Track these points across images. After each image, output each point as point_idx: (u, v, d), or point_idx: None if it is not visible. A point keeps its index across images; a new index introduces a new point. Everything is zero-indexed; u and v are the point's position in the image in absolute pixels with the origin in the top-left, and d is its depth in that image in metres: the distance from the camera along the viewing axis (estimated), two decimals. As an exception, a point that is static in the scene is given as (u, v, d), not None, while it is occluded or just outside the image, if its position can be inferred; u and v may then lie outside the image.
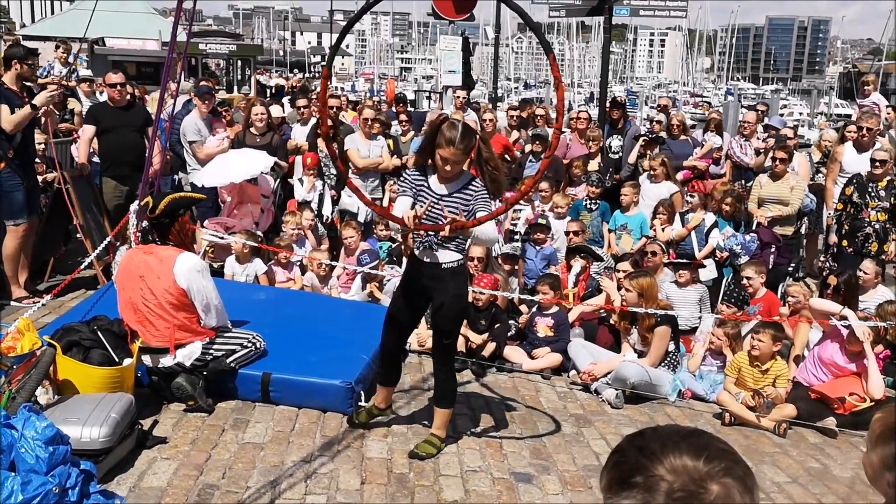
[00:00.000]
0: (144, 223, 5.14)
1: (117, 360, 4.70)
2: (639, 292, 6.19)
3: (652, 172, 8.75)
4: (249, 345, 5.13)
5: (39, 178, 7.77)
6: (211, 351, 4.96)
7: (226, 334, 5.09)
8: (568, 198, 8.56)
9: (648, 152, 9.75)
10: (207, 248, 7.92)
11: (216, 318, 5.01)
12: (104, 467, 4.02)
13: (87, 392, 4.46)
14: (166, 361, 4.88)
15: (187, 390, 4.88)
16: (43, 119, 7.53)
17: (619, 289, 6.58)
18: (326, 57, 4.44)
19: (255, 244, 7.27)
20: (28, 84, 7.06)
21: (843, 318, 5.80)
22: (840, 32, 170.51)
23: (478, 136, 4.30)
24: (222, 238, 7.46)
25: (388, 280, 7.33)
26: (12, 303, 6.74)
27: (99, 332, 4.75)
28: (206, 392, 4.98)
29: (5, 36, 22.93)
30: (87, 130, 7.83)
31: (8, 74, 6.81)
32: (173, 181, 8.99)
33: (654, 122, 10.51)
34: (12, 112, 6.58)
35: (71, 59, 11.61)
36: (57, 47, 12.24)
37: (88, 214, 7.51)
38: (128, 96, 8.14)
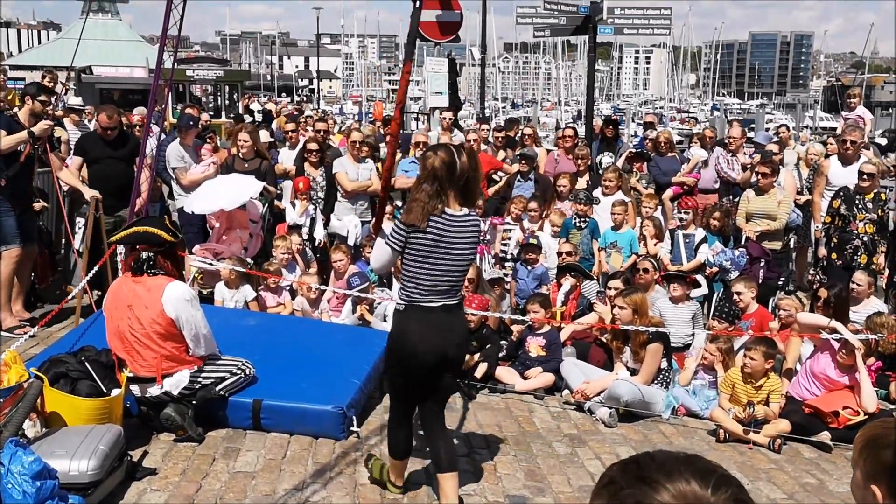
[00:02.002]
0: (144, 254, 5.01)
1: (105, 390, 4.65)
2: (633, 308, 6.19)
3: (607, 185, 8.82)
4: (239, 371, 5.08)
5: None
6: (199, 379, 4.91)
7: (215, 362, 5.04)
8: (563, 216, 8.60)
9: (636, 167, 9.79)
10: (196, 275, 7.88)
11: (205, 347, 4.96)
12: (93, 501, 3.96)
13: (75, 424, 4.41)
14: (154, 391, 4.83)
15: (176, 421, 4.83)
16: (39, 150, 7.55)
17: (612, 308, 6.55)
18: (405, 52, 4.32)
19: (244, 270, 7.23)
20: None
21: (833, 330, 5.80)
22: (823, 46, 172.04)
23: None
24: (211, 264, 7.42)
25: (378, 303, 7.30)
26: (4, 333, 6.69)
27: (87, 363, 4.71)
28: (196, 420, 4.93)
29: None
30: (75, 161, 7.85)
31: (22, 111, 7.01)
32: (161, 207, 8.96)
33: (649, 140, 10.56)
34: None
35: (58, 89, 11.61)
36: (43, 77, 12.24)
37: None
38: (122, 129, 8.21)
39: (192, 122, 8.68)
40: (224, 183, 7.98)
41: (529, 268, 7.91)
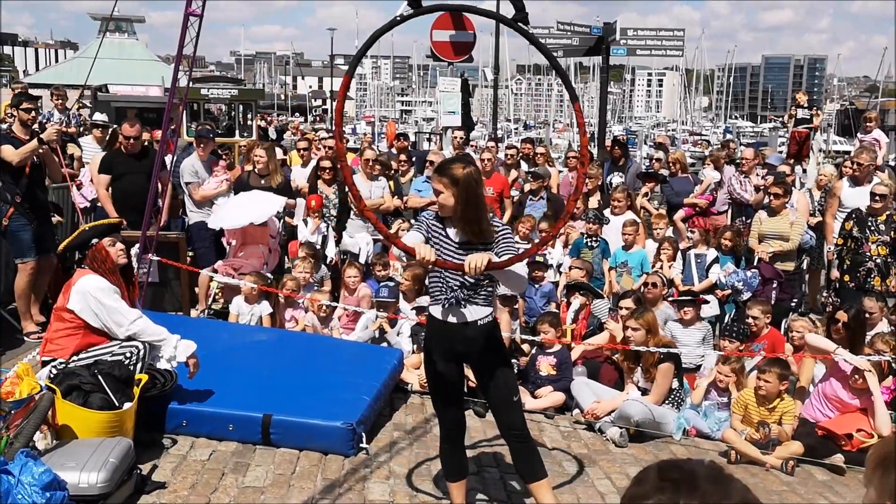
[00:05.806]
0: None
1: (117, 403, 4.66)
2: (646, 329, 6.18)
3: (616, 204, 8.81)
4: (121, 352, 4.94)
5: None
6: (68, 366, 4.84)
7: (93, 349, 4.96)
8: (578, 234, 8.61)
9: (647, 188, 9.80)
10: (217, 291, 7.94)
11: (131, 330, 4.97)
12: (102, 513, 3.97)
13: (86, 436, 4.43)
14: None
15: None
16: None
17: (624, 329, 6.52)
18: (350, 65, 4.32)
19: (266, 287, 7.27)
20: (33, 128, 7.27)
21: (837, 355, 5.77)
22: (836, 70, 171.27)
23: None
24: (234, 279, 7.48)
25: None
26: (25, 337, 6.94)
27: (100, 376, 4.72)
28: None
29: (12, 84, 23.27)
30: (102, 180, 7.91)
31: (15, 125, 7.18)
32: (183, 222, 9.03)
33: (655, 160, 10.57)
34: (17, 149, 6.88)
35: (69, 105, 11.76)
36: (52, 95, 12.39)
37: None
38: (143, 144, 8.30)
39: (210, 134, 8.77)
40: (250, 199, 8.04)
41: (537, 286, 7.90)
